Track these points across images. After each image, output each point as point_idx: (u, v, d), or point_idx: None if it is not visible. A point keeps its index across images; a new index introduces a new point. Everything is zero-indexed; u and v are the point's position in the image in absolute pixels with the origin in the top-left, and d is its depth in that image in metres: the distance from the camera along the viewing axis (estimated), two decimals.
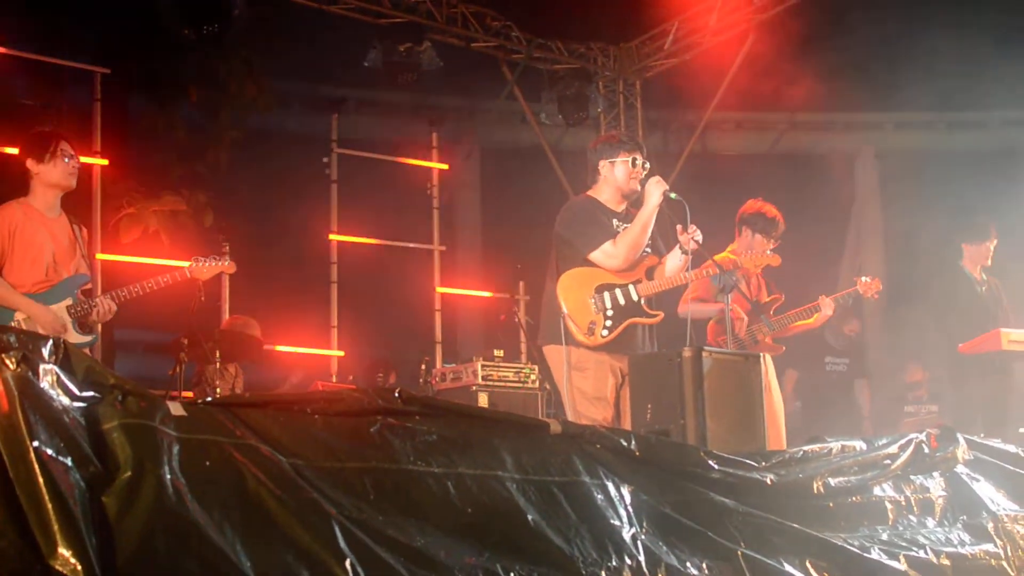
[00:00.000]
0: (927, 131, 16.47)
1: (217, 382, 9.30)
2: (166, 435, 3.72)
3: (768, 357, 7.74)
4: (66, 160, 6.85)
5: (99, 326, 7.18)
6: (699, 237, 6.83)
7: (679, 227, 6.84)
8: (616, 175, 7.15)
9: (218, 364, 9.22)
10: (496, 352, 10.57)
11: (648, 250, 7.06)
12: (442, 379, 10.61)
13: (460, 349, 13.97)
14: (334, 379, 11.97)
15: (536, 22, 13.53)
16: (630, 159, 7.12)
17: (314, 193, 12.87)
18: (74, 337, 6.68)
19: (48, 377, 3.61)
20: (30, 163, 6.82)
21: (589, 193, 7.31)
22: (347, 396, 4.35)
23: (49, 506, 3.30)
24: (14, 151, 7.15)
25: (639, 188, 7.11)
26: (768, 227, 8.32)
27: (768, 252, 7.82)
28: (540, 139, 14.45)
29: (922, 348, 12.72)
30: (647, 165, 7.15)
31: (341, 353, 12.66)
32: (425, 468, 4.21)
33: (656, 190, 6.86)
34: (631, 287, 6.94)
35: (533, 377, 10.48)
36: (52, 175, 6.83)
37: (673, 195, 6.84)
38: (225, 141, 12.15)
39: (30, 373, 3.56)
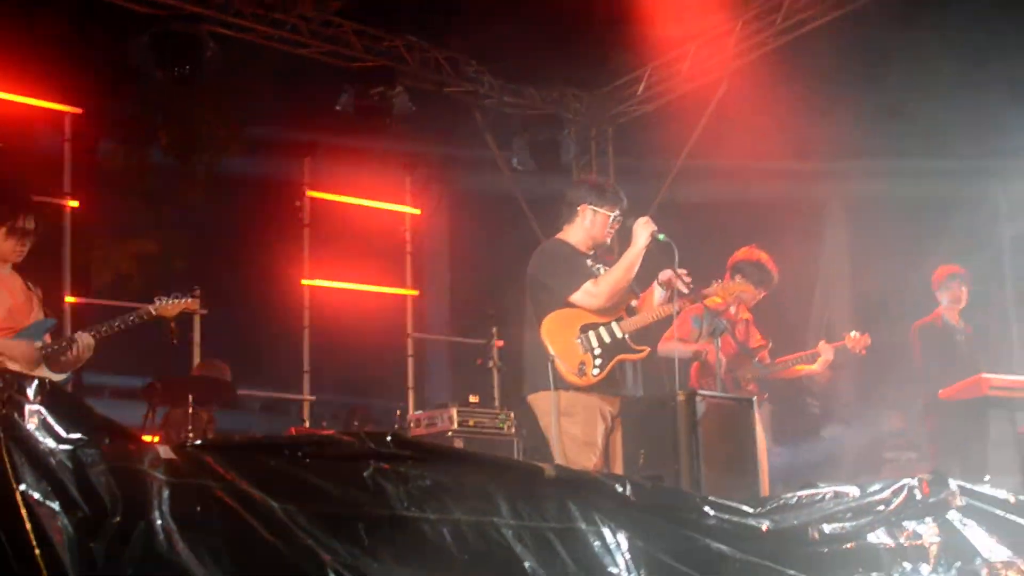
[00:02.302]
0: (896, 178, 16.48)
1: (189, 427, 9.13)
2: (155, 479, 3.60)
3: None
4: (16, 239, 6.63)
5: (70, 366, 7.00)
6: (686, 281, 6.78)
7: (669, 270, 6.78)
8: (595, 224, 7.08)
9: (191, 409, 9.06)
10: (471, 398, 10.48)
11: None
12: (417, 425, 10.49)
13: (429, 395, 13.84)
14: (307, 424, 11.83)
15: (509, 68, 13.51)
16: (612, 215, 7.06)
17: (286, 237, 12.79)
18: (47, 376, 6.51)
19: (34, 418, 3.49)
20: None
21: (559, 236, 7.22)
22: (338, 440, 4.24)
23: (37, 552, 3.19)
24: None
25: (608, 243, 7.06)
26: (764, 278, 8.30)
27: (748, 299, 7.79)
28: (511, 185, 14.38)
29: (897, 395, 12.70)
30: (622, 223, 7.10)
31: (313, 398, 12.53)
32: (420, 514, 4.11)
33: (644, 231, 6.78)
34: (614, 324, 6.85)
35: (509, 423, 10.39)
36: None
37: (661, 236, 6.76)
38: (197, 184, 12.04)
39: (15, 414, 3.45)
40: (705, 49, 13.24)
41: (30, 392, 3.57)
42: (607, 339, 6.80)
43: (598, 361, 6.72)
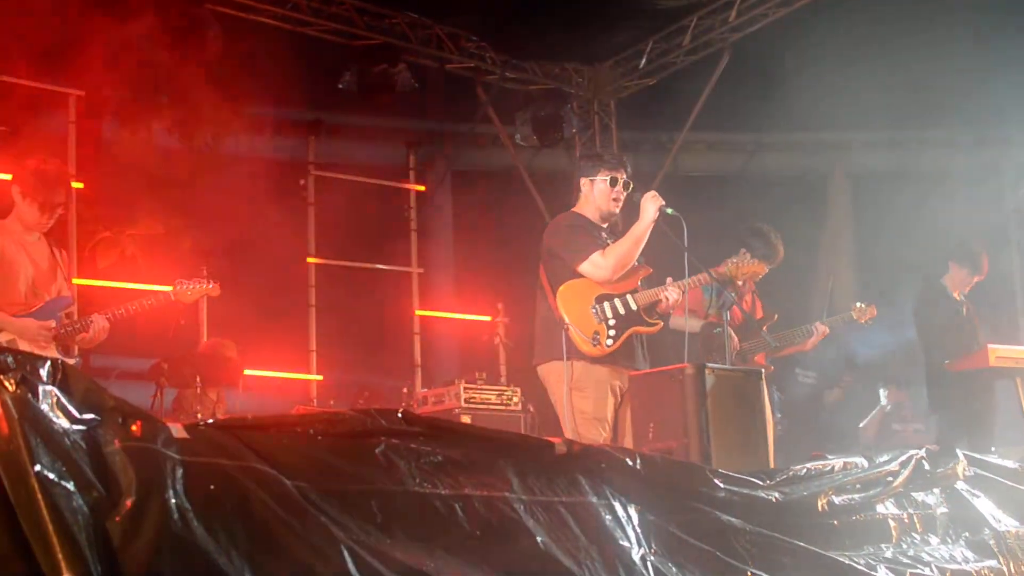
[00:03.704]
0: (898, 150, 16.46)
1: (197, 407, 9.17)
2: (169, 458, 3.60)
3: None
4: (48, 214, 6.71)
5: (76, 349, 7.05)
6: (673, 295, 6.83)
7: (668, 280, 6.84)
8: (595, 194, 7.09)
9: (199, 389, 9.08)
10: (477, 375, 10.50)
11: (641, 259, 7.01)
12: (424, 402, 10.53)
13: (436, 373, 13.87)
14: (315, 403, 11.85)
15: (510, 43, 13.50)
16: (609, 178, 7.06)
17: (291, 216, 12.79)
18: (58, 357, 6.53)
19: (48, 399, 3.48)
20: (15, 191, 6.69)
21: (574, 209, 7.25)
22: (350, 417, 4.25)
23: (52, 533, 3.19)
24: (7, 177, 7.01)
25: (617, 211, 7.06)
26: (768, 253, 8.31)
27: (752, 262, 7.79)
28: (514, 160, 14.39)
29: (896, 367, 12.72)
30: (630, 185, 7.09)
31: (320, 377, 12.55)
32: (431, 490, 4.11)
33: (652, 205, 6.80)
34: (628, 297, 6.89)
35: (516, 399, 10.42)
36: (26, 216, 6.71)
37: (670, 210, 6.78)
38: (201, 164, 12.02)
39: (29, 395, 3.44)
40: (706, 20, 13.24)
41: (44, 373, 3.57)
42: (622, 310, 6.84)
43: (612, 332, 6.76)
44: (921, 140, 16.23)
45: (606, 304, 6.83)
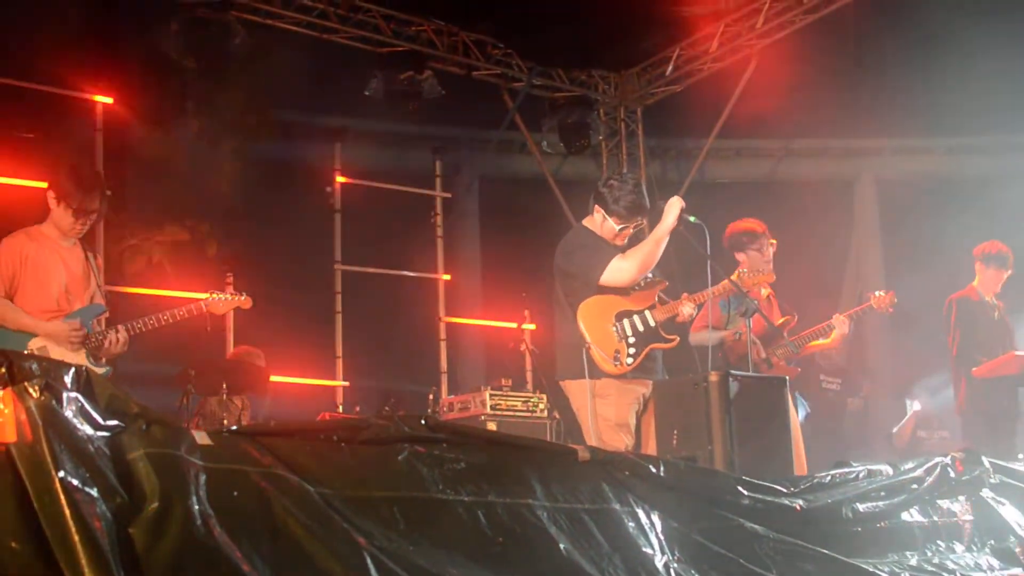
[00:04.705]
0: (926, 156, 16.41)
1: (223, 414, 9.19)
2: (193, 465, 3.62)
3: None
4: (82, 220, 6.73)
5: (107, 356, 7.06)
6: (687, 310, 6.83)
7: (684, 295, 6.82)
8: (605, 228, 7.03)
9: (224, 396, 9.10)
10: (503, 381, 10.48)
11: (651, 275, 6.98)
12: (449, 409, 10.51)
13: (461, 379, 13.88)
14: (340, 409, 11.86)
15: (537, 50, 13.51)
16: (619, 228, 6.99)
17: (318, 222, 12.82)
18: (87, 365, 6.56)
19: (72, 406, 3.51)
20: (50, 197, 6.72)
21: (584, 223, 7.19)
22: (373, 424, 4.25)
23: (76, 538, 3.21)
24: (42, 184, 7.03)
25: (620, 245, 7.02)
26: (754, 238, 8.26)
27: (762, 271, 7.76)
28: (541, 167, 14.40)
29: (923, 373, 12.67)
30: (643, 230, 7.08)
31: (346, 383, 12.57)
32: (454, 497, 4.12)
33: (674, 210, 6.77)
34: (647, 313, 6.87)
35: (542, 406, 10.39)
36: (61, 222, 6.73)
37: (692, 218, 6.75)
38: (227, 171, 12.07)
39: (53, 401, 3.46)
40: (733, 27, 13.21)
41: (68, 379, 3.59)
42: (640, 327, 6.81)
43: (631, 350, 6.73)
44: (949, 146, 16.17)
45: (626, 321, 6.80)
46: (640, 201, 6.96)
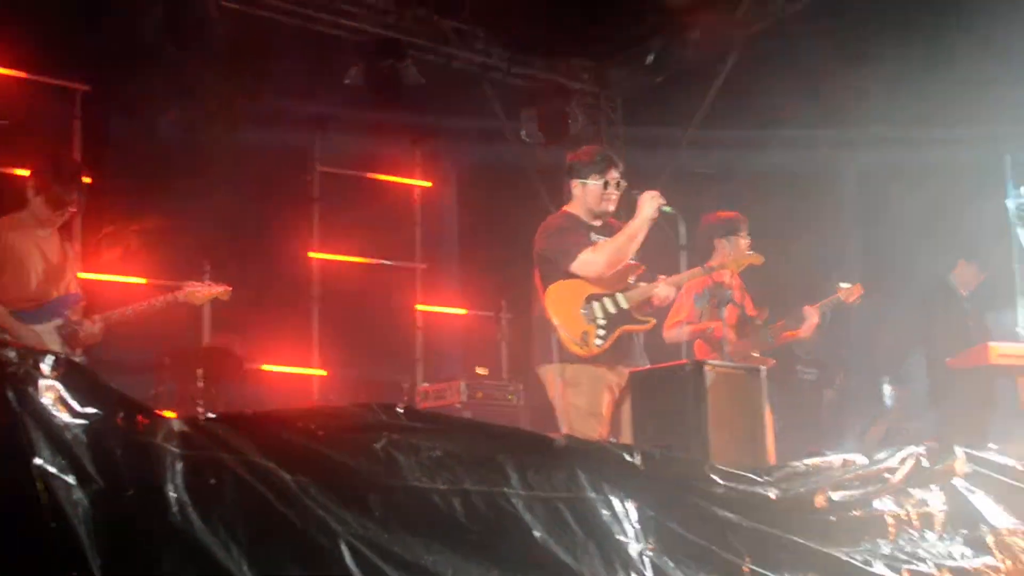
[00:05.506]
0: (906, 147, 16.42)
1: (199, 402, 9.19)
2: (169, 452, 3.64)
3: None
4: (57, 210, 6.73)
5: (83, 345, 7.06)
6: (663, 292, 6.85)
7: (660, 277, 6.83)
8: (589, 195, 7.06)
9: (201, 383, 9.11)
10: (479, 370, 10.51)
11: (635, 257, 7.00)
12: (425, 397, 10.54)
13: (438, 368, 13.87)
14: (316, 397, 11.86)
15: (517, 40, 13.48)
16: (602, 181, 7.02)
17: (295, 211, 12.81)
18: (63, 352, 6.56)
19: (49, 393, 3.52)
20: (29, 187, 6.72)
21: (565, 208, 7.24)
22: (350, 411, 4.27)
23: (53, 525, 3.23)
24: (20, 172, 7.05)
25: (611, 208, 7.04)
26: (735, 226, 8.29)
27: (748, 252, 7.78)
28: (521, 157, 14.39)
29: (898, 364, 12.72)
30: (621, 184, 7.07)
31: (324, 372, 12.56)
32: (431, 485, 4.14)
33: (650, 203, 6.78)
34: (619, 295, 6.86)
35: (517, 395, 10.43)
36: (39, 211, 6.73)
37: (668, 208, 6.76)
38: (206, 159, 12.02)
39: (31, 389, 3.48)
40: (714, 17, 13.19)
41: (45, 367, 3.60)
42: (612, 309, 6.82)
43: (601, 332, 6.74)
44: (929, 137, 16.19)
45: (595, 304, 6.80)
46: (605, 150, 7.07)
